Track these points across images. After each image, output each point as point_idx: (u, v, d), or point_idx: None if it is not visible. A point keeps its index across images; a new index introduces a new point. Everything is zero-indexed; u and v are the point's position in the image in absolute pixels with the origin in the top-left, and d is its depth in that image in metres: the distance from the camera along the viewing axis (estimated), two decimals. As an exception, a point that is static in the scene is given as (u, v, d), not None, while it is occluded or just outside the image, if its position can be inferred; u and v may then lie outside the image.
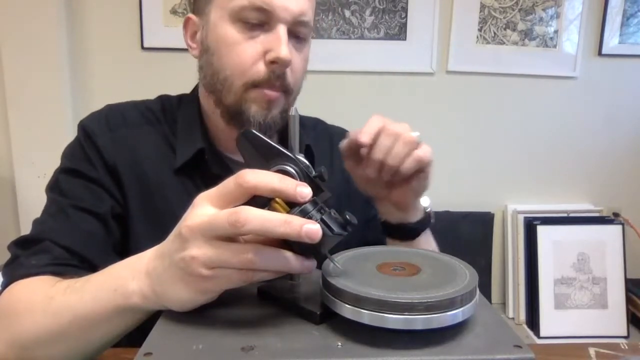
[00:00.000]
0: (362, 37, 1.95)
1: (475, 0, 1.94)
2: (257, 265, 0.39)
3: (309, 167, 0.43)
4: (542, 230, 1.98)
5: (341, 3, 1.92)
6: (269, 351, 0.37)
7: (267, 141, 0.44)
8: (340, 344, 0.38)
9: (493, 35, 1.98)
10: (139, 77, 1.87)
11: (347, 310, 0.39)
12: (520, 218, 2.04)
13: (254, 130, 0.45)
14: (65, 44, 1.81)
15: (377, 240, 0.73)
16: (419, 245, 0.69)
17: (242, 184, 0.39)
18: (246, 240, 0.42)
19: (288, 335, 0.40)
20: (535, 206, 2.08)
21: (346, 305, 0.39)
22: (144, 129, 0.72)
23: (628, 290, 1.97)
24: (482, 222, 2.07)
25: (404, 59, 1.97)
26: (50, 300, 0.52)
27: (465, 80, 2.01)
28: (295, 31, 0.66)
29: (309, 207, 0.40)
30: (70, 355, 0.52)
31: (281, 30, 0.63)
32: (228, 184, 0.40)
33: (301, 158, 0.43)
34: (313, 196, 0.40)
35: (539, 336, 1.93)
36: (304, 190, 0.40)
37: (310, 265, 0.42)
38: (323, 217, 0.40)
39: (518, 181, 2.09)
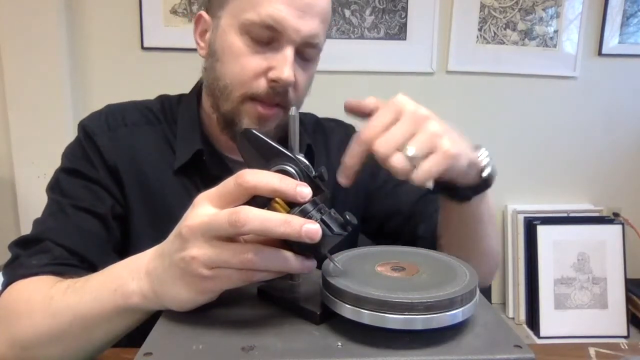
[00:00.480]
0: (362, 37, 1.94)
1: (475, 0, 1.94)
2: (257, 265, 0.39)
3: (309, 167, 0.43)
4: (542, 230, 1.98)
5: (341, 3, 1.91)
6: (269, 351, 0.37)
7: (267, 141, 0.44)
8: (340, 344, 0.38)
9: (493, 35, 1.98)
10: (139, 77, 1.87)
11: (347, 310, 0.39)
12: (520, 218, 2.04)
13: (254, 130, 0.45)
14: (65, 44, 1.81)
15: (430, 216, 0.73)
16: (472, 209, 0.64)
17: (242, 183, 0.39)
18: (246, 240, 0.42)
19: (288, 335, 0.40)
20: (535, 206, 2.08)
21: (346, 305, 0.39)
22: (144, 129, 0.72)
23: (628, 290, 1.97)
24: (482, 222, 2.07)
25: (404, 59, 1.97)
26: (51, 300, 0.52)
27: (466, 80, 2.01)
28: (303, 51, 0.64)
29: (309, 207, 0.40)
30: (71, 355, 0.52)
31: (288, 52, 0.62)
32: (228, 184, 0.40)
33: (301, 158, 0.43)
34: (313, 196, 0.40)
35: (539, 336, 1.93)
36: (304, 190, 0.40)
37: (310, 265, 0.42)
38: (323, 217, 0.40)
39: (518, 181, 2.09)
